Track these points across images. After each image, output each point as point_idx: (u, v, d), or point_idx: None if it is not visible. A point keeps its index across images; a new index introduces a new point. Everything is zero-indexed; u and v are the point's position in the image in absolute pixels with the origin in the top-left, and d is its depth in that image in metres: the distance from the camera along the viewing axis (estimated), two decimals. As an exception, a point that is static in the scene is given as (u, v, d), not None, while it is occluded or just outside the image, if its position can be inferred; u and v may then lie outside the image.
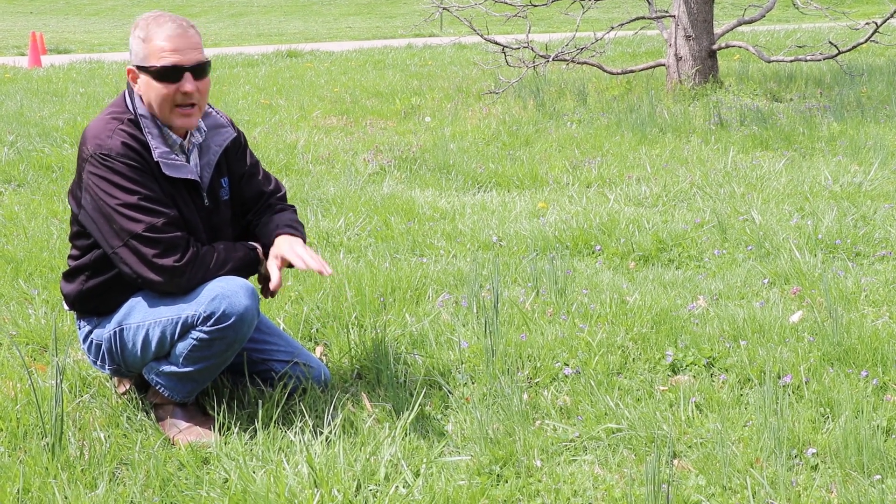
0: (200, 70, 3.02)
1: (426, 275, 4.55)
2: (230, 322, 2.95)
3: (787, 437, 2.97)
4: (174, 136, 3.08)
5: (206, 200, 3.16)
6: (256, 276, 3.30)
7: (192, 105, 3.04)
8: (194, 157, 3.16)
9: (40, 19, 32.15)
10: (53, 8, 36.92)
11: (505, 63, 10.94)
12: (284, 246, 3.12)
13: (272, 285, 3.10)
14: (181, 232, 2.99)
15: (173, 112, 3.03)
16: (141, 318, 3.05)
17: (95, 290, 3.12)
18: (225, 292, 2.95)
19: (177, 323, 2.99)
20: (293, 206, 3.41)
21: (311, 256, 3.06)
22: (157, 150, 3.01)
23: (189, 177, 3.07)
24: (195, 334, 2.98)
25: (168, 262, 2.94)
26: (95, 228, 3.00)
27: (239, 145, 3.32)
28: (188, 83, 2.99)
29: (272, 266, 3.10)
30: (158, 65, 2.97)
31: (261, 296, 3.30)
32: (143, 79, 3.02)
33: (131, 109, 3.05)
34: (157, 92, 3.00)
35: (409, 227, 5.46)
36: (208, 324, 2.95)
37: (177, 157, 3.06)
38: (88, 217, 3.01)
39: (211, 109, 3.26)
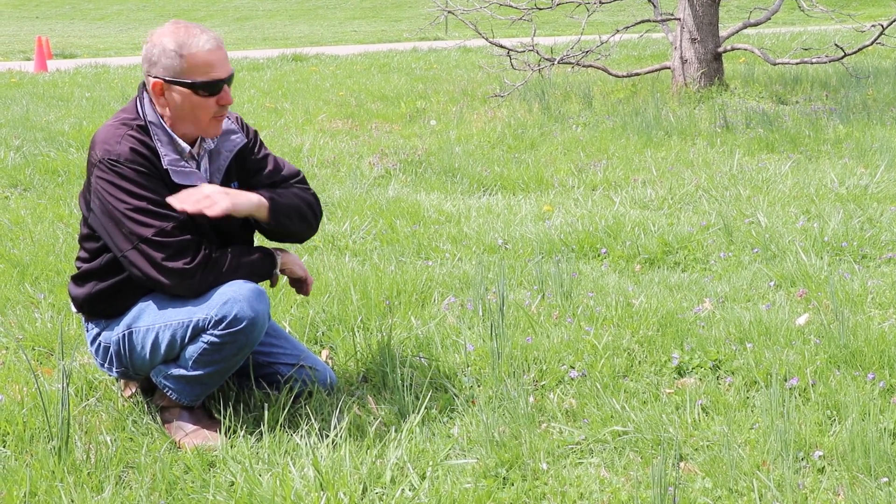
0: (232, 80, 3.08)
1: (431, 278, 4.55)
2: (241, 326, 2.95)
3: (794, 440, 2.96)
4: (183, 144, 3.07)
5: None
6: (287, 280, 3.30)
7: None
8: (205, 163, 3.16)
9: (46, 24, 32.23)
10: (59, 13, 37.01)
11: (510, 66, 10.95)
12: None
13: None
14: (191, 235, 2.99)
15: (211, 122, 3.06)
16: (151, 321, 3.05)
17: (104, 293, 3.12)
18: (236, 296, 2.95)
19: (187, 326, 2.99)
20: (311, 191, 3.35)
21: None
22: (167, 157, 3.01)
23: (198, 184, 3.07)
24: (206, 338, 2.98)
25: (178, 264, 2.94)
26: (105, 232, 3.00)
27: (251, 146, 3.31)
28: (228, 95, 3.04)
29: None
30: (203, 79, 2.98)
31: (299, 295, 3.36)
32: (179, 92, 3.00)
33: (141, 116, 3.05)
34: (198, 105, 3.01)
35: (414, 231, 5.46)
36: (220, 328, 2.95)
37: (186, 165, 3.06)
38: (98, 221, 3.01)
39: None
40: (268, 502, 2.69)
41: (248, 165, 3.28)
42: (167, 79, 2.99)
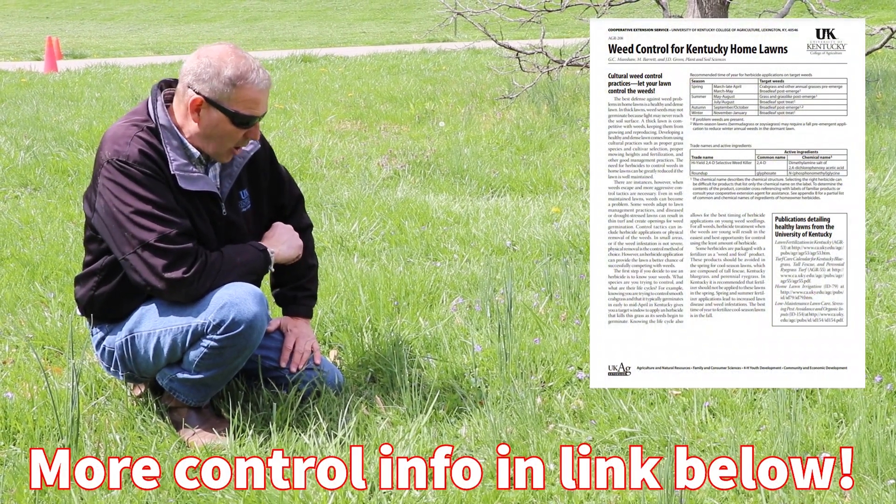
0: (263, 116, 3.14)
1: (440, 279, 4.56)
2: (240, 330, 2.96)
3: (801, 442, 2.97)
4: (192, 149, 3.06)
5: (224, 211, 3.16)
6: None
7: None
8: (215, 168, 3.16)
9: (56, 24, 32.34)
10: (69, 13, 37.14)
11: (519, 68, 10.95)
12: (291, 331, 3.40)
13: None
14: (192, 243, 2.99)
15: (230, 151, 3.10)
16: (152, 326, 3.07)
17: (106, 295, 3.13)
18: (233, 300, 2.96)
19: (187, 332, 3.00)
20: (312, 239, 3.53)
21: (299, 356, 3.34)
22: (175, 161, 3.01)
23: (206, 189, 3.07)
24: (206, 342, 2.99)
25: (177, 274, 2.94)
26: (107, 233, 3.01)
27: (264, 158, 3.32)
28: (258, 130, 3.10)
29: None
30: (245, 113, 3.00)
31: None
32: (215, 115, 3.01)
33: (152, 118, 3.05)
34: (228, 133, 3.03)
35: (422, 232, 5.47)
36: (218, 332, 2.97)
37: (194, 170, 3.06)
38: (101, 221, 3.02)
39: None
40: (276, 501, 2.71)
41: (262, 181, 3.31)
42: (210, 99, 2.99)
